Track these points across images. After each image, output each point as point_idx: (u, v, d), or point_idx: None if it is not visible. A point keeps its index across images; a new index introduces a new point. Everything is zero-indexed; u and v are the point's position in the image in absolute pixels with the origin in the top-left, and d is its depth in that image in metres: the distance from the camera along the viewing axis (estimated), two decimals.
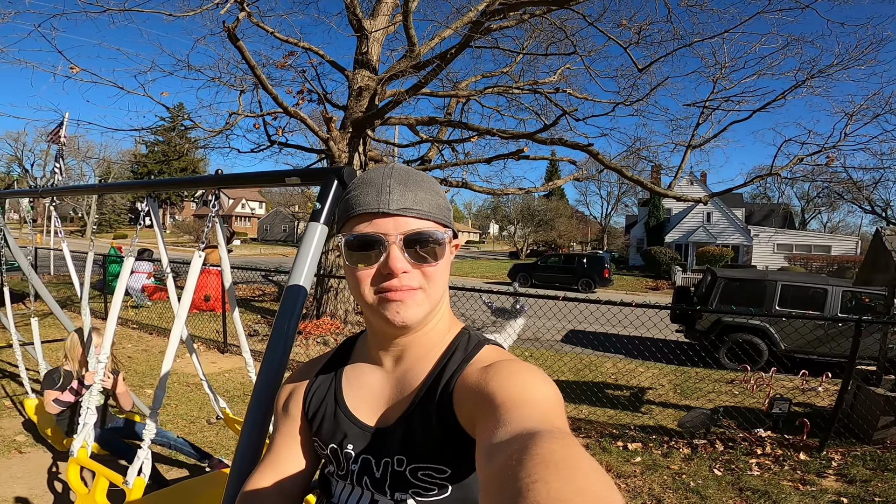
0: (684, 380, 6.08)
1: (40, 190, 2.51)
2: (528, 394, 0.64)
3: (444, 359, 0.81)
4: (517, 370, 0.70)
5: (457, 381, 0.76)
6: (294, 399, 0.93)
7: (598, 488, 0.39)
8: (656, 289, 21.26)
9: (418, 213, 0.74)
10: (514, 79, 8.38)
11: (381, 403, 0.84)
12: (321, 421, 0.88)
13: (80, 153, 40.94)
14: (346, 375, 0.89)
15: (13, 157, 45.75)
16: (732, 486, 3.22)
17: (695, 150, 8.53)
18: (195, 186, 1.86)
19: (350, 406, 0.86)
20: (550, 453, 0.43)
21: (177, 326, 2.02)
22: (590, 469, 0.42)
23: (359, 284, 0.76)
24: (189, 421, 4.09)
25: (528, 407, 0.61)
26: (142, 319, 8.34)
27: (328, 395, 0.89)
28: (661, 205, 33.39)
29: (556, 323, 8.27)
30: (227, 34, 4.95)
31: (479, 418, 0.66)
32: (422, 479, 0.77)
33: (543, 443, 0.45)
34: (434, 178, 0.82)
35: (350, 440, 0.84)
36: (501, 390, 0.65)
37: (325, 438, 0.87)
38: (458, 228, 8.86)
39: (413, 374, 0.82)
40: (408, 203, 0.74)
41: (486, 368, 0.73)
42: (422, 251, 0.75)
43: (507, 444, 0.51)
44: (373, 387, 0.85)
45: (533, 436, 0.48)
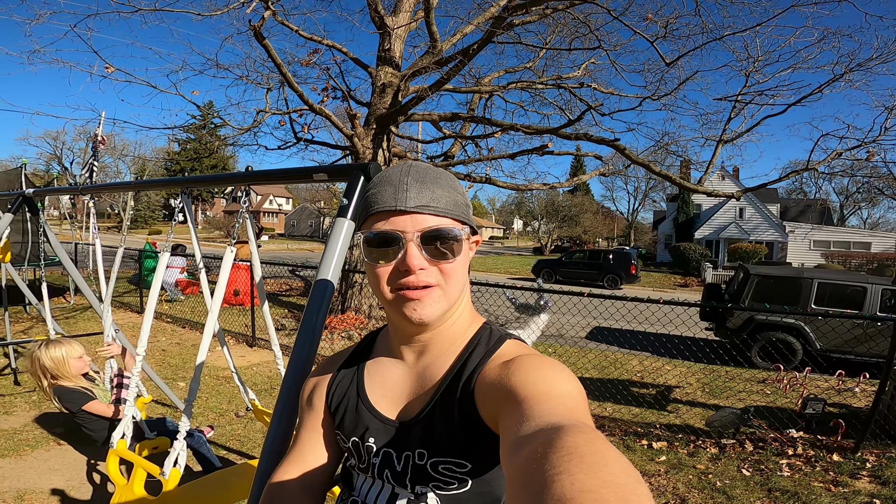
0: (713, 378, 5.95)
1: (80, 187, 2.62)
2: (551, 388, 0.64)
3: (466, 353, 0.81)
4: (540, 365, 0.70)
5: (479, 375, 0.76)
6: (317, 393, 0.95)
7: (624, 480, 0.39)
8: (685, 286, 20.79)
9: (435, 211, 0.75)
10: (538, 74, 8.30)
11: (402, 397, 0.85)
12: (343, 414, 0.89)
13: (117, 151, 42.49)
14: (369, 370, 0.91)
15: (52, 156, 47.67)
16: (761, 486, 3.15)
17: (726, 144, 8.31)
18: (227, 183, 1.91)
19: (372, 400, 0.87)
20: (575, 446, 0.43)
21: (210, 320, 2.05)
22: (615, 461, 0.41)
23: (378, 281, 0.77)
24: (218, 414, 4.19)
25: (552, 401, 0.61)
26: (175, 313, 8.61)
27: (350, 388, 0.90)
28: (691, 200, 32.58)
29: (581, 319, 8.20)
30: (254, 33, 5.05)
31: (502, 413, 0.66)
32: (442, 473, 0.78)
33: (568, 436, 0.45)
34: (452, 175, 0.82)
35: (371, 433, 0.85)
36: (524, 385, 0.65)
37: (347, 432, 0.88)
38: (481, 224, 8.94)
39: (434, 369, 0.82)
40: (424, 201, 0.75)
41: (508, 363, 0.74)
42: (440, 248, 0.75)
43: (532, 438, 0.51)
44: (394, 381, 0.86)
45: (558, 430, 0.48)
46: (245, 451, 3.48)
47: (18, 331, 6.77)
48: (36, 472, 3.05)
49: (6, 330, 4.89)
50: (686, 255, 25.65)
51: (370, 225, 0.77)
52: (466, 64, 5.87)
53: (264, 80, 7.67)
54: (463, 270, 0.80)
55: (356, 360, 0.94)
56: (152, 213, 52.08)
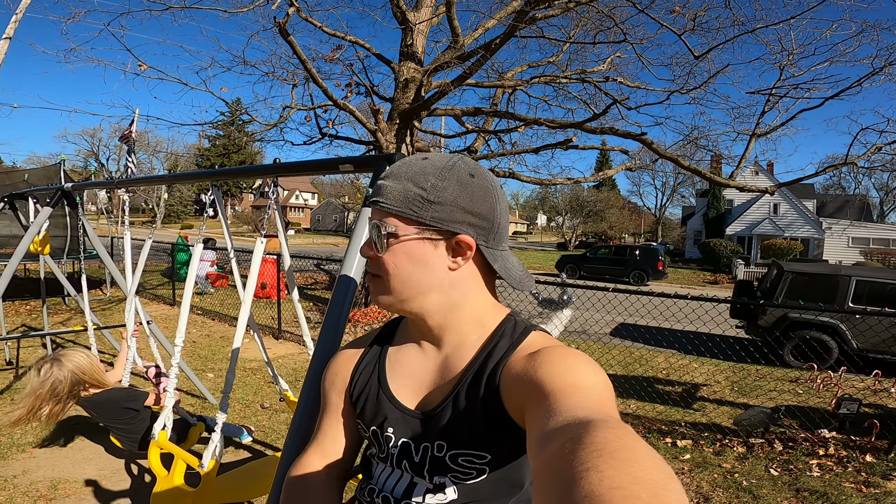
0: (743, 377, 5.80)
1: (116, 181, 2.72)
2: (578, 380, 0.63)
3: (490, 345, 0.80)
4: (566, 357, 0.69)
5: (504, 368, 0.75)
6: (340, 380, 0.95)
7: (656, 476, 0.37)
8: (715, 283, 20.27)
9: (381, 206, 0.78)
10: (562, 68, 8.18)
11: (423, 387, 0.84)
12: (364, 402, 0.89)
13: (150, 148, 43.83)
14: (390, 357, 0.90)
15: (90, 153, 49.45)
16: (789, 486, 3.07)
17: (760, 138, 8.04)
18: (256, 175, 1.96)
19: (392, 388, 0.87)
20: (605, 442, 0.41)
21: (244, 311, 2.05)
22: (646, 457, 0.40)
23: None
24: (244, 405, 4.24)
25: (579, 394, 0.60)
26: (205, 306, 8.85)
27: (372, 376, 0.90)
28: (722, 196, 31.70)
29: (605, 315, 8.10)
30: (279, 29, 5.13)
31: (528, 406, 0.65)
32: (461, 465, 0.78)
33: (597, 431, 0.44)
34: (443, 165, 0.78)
35: (391, 423, 0.84)
36: (551, 377, 0.65)
37: (367, 420, 0.88)
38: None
39: (456, 359, 0.82)
40: (378, 195, 0.79)
41: (533, 355, 0.73)
42: (374, 242, 0.79)
43: (559, 432, 0.50)
44: (415, 370, 0.86)
45: (586, 424, 0.47)
46: (269, 443, 3.53)
47: (56, 322, 7.06)
48: (70, 462, 3.12)
49: (44, 321, 5.10)
50: (716, 251, 24.98)
51: None
52: (489, 59, 5.84)
53: (290, 76, 7.79)
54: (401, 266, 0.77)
55: (378, 346, 0.94)
56: (184, 209, 53.58)
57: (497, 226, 0.80)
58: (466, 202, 0.76)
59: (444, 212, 0.76)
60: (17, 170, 12.59)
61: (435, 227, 0.76)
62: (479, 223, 0.78)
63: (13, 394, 4.21)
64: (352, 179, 43.93)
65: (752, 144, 7.95)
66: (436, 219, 0.76)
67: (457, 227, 0.76)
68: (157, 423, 2.26)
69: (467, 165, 0.79)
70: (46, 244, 3.75)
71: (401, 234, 0.76)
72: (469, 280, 0.80)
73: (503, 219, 0.82)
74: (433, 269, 0.77)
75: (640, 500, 0.34)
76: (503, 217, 0.82)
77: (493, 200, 0.79)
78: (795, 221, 28.21)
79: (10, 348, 5.08)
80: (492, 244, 0.80)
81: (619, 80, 8.07)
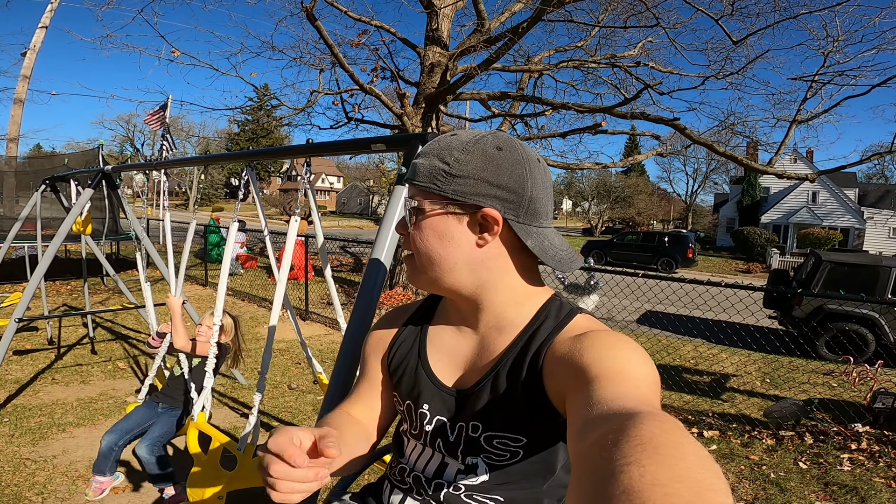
0: (774, 368, 5.66)
1: (153, 163, 2.81)
2: (626, 368, 0.60)
3: (533, 326, 0.77)
4: (615, 343, 0.66)
5: (548, 349, 0.73)
6: (379, 348, 0.94)
7: (701, 475, 0.35)
8: (748, 271, 19.72)
9: (413, 183, 0.78)
10: (590, 53, 7.96)
11: (462, 365, 0.83)
12: (402, 375, 0.88)
13: (184, 133, 44.81)
14: (431, 333, 0.89)
15: (125, 138, 50.85)
16: (818, 479, 3.00)
17: (800, 125, 7.71)
18: (290, 155, 1.97)
19: (431, 364, 0.85)
20: (651, 436, 0.39)
21: (279, 291, 2.06)
22: (693, 455, 0.37)
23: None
24: (272, 385, 4.30)
25: (626, 383, 0.57)
26: (235, 286, 9.09)
27: (412, 350, 0.89)
28: (758, 183, 30.61)
29: (632, 302, 7.99)
30: (306, 14, 5.14)
31: (570, 391, 0.62)
32: (496, 447, 0.76)
33: (643, 424, 0.41)
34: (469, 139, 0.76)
35: (426, 399, 0.83)
36: (597, 362, 0.62)
37: (403, 393, 0.87)
38: None
39: (496, 339, 0.79)
40: (411, 173, 0.79)
41: (580, 337, 0.70)
42: (405, 218, 0.80)
43: (603, 421, 0.48)
44: (454, 348, 0.84)
45: (632, 416, 0.44)
46: (295, 424, 3.57)
47: (96, 301, 7.34)
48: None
49: (85, 300, 5.29)
50: (750, 239, 24.22)
51: None
52: (515, 43, 5.72)
53: (317, 61, 7.81)
54: (430, 241, 0.76)
55: (421, 320, 0.92)
56: (215, 192, 54.80)
57: (528, 199, 0.75)
58: (491, 175, 0.73)
59: (466, 185, 0.73)
60: (58, 154, 13.06)
61: (457, 200, 0.73)
62: (507, 196, 0.74)
63: (54, 372, 4.35)
64: (377, 163, 44.12)
65: (793, 131, 7.62)
66: (458, 192, 0.73)
67: (481, 201, 0.73)
68: (196, 405, 2.31)
69: (497, 139, 0.76)
70: (88, 224, 3.90)
71: (426, 209, 0.76)
72: (499, 259, 0.76)
73: (539, 192, 0.76)
74: (458, 245, 0.75)
75: (680, 499, 0.32)
76: (539, 191, 0.76)
77: (524, 173, 0.75)
78: (835, 210, 27.07)
79: (52, 327, 5.23)
80: (523, 219, 0.75)
81: (650, 65, 7.82)
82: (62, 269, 9.07)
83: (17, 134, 11.22)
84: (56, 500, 2.48)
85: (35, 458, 2.88)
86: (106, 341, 5.40)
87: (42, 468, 2.78)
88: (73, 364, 4.62)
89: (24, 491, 2.52)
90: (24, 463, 2.81)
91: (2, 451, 2.93)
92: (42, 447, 3.02)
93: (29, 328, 5.65)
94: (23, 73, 11.30)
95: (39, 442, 3.08)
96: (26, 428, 3.25)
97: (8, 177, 9.71)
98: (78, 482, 2.66)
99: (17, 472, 2.70)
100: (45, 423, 3.35)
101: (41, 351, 4.91)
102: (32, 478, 2.67)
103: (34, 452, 2.95)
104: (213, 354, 2.27)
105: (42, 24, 11.44)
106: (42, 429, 3.27)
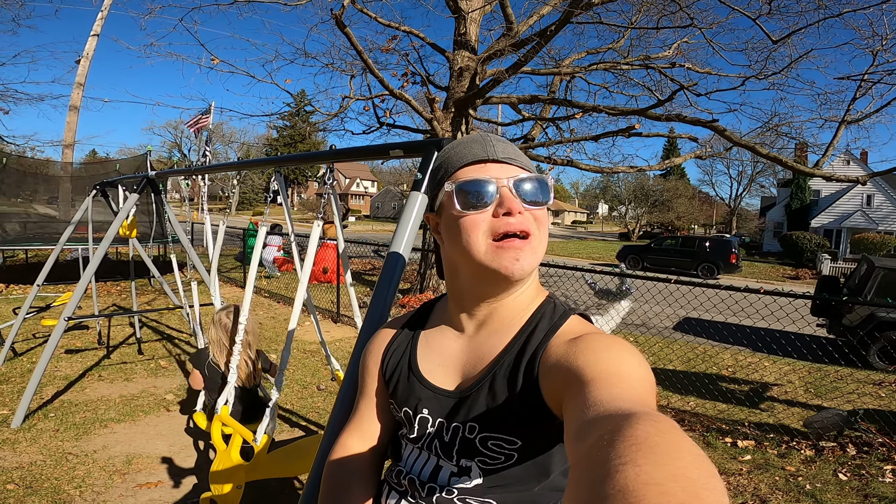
0: (819, 378, 5.39)
1: (190, 169, 2.97)
2: (622, 370, 0.61)
3: (529, 327, 0.78)
4: (610, 344, 0.66)
5: (543, 353, 0.73)
6: (373, 361, 0.95)
7: (696, 474, 0.35)
8: (796, 278, 18.77)
9: (521, 164, 0.78)
10: (623, 54, 7.82)
11: (457, 368, 0.83)
12: (396, 383, 0.89)
13: (226, 139, 46.61)
14: (423, 339, 0.90)
15: (174, 144, 53.25)
16: (857, 492, 2.85)
17: (850, 126, 7.33)
18: (313, 161, 2.06)
19: (424, 369, 0.86)
20: (647, 436, 0.39)
21: (300, 290, 2.13)
22: (689, 454, 0.37)
23: (469, 232, 0.74)
24: (302, 386, 4.40)
25: (622, 384, 0.57)
26: (272, 289, 9.36)
27: (403, 357, 0.90)
28: (808, 186, 29.22)
29: (666, 308, 7.76)
30: (335, 21, 5.27)
31: (567, 394, 0.62)
32: (490, 449, 0.76)
33: (639, 424, 0.41)
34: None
35: (424, 404, 0.84)
36: (593, 365, 0.62)
37: (399, 401, 0.88)
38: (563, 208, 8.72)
39: (494, 341, 0.80)
40: (511, 154, 0.78)
41: (575, 341, 0.70)
42: (532, 194, 0.76)
43: (600, 423, 0.48)
44: (450, 351, 0.85)
45: (628, 416, 0.44)
46: (322, 424, 3.64)
47: (143, 302, 7.69)
48: (145, 437, 3.25)
49: (132, 301, 5.54)
50: (799, 244, 23.09)
51: (458, 178, 0.77)
52: (544, 46, 5.70)
53: (348, 67, 7.99)
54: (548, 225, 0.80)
55: (412, 328, 0.93)
56: (256, 196, 56.62)
57: None
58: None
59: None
60: (111, 160, 13.83)
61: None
62: None
63: (101, 370, 4.56)
64: (410, 167, 44.55)
65: (841, 132, 7.26)
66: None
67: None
68: (220, 399, 2.39)
69: None
70: (134, 228, 4.13)
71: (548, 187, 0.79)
72: None
73: None
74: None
75: (675, 498, 0.32)
76: None
77: None
78: (892, 214, 25.52)
79: (102, 326, 5.42)
80: None
81: (686, 66, 7.62)
82: (113, 271, 9.58)
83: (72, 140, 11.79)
84: (92, 494, 2.54)
85: (76, 453, 2.96)
86: (151, 341, 5.64)
87: (82, 462, 2.86)
88: (119, 362, 4.83)
89: (63, 484, 2.60)
90: (66, 457, 2.89)
91: (46, 445, 3.03)
92: (84, 442, 3.12)
93: (80, 327, 5.94)
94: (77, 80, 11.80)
95: (82, 437, 3.18)
96: (71, 423, 3.37)
97: (64, 182, 10.30)
98: (114, 477, 2.73)
99: (58, 466, 2.78)
100: (89, 419, 3.46)
101: (91, 350, 5.13)
102: (72, 472, 2.74)
103: (76, 447, 3.04)
104: (238, 351, 2.38)
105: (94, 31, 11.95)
106: (86, 424, 3.37)
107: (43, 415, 3.48)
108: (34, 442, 3.06)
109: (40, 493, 2.50)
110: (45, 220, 9.95)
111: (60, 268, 8.03)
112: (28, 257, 11.31)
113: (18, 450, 2.94)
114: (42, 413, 3.51)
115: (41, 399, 3.73)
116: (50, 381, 4.13)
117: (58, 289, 7.60)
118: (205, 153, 5.74)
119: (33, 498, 2.44)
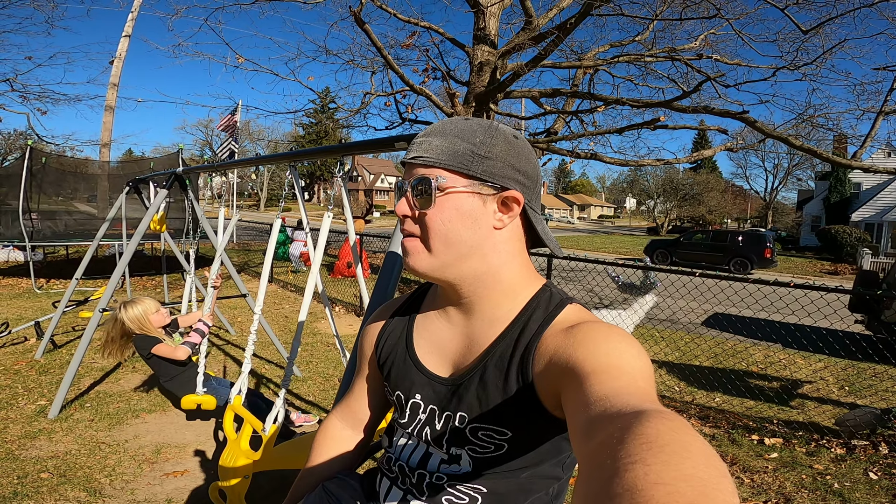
0: (854, 375, 5.20)
1: (213, 164, 3.06)
2: (622, 362, 0.59)
3: (524, 316, 0.76)
4: (608, 335, 0.64)
5: (537, 344, 0.72)
6: (368, 343, 0.96)
7: (706, 474, 0.34)
8: (835, 273, 18.03)
9: (424, 161, 0.75)
10: (647, 47, 7.63)
11: (450, 355, 0.82)
12: (391, 366, 0.89)
13: (253, 136, 47.56)
14: (419, 323, 0.89)
15: (205, 142, 54.65)
16: (887, 491, 2.74)
17: (888, 117, 7.00)
18: (324, 155, 2.09)
19: (419, 354, 0.85)
20: (657, 434, 0.38)
21: (310, 282, 2.16)
22: (699, 454, 0.36)
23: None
24: (324, 378, 4.45)
25: (625, 378, 0.56)
26: (299, 283, 9.54)
27: (399, 340, 0.89)
28: (848, 179, 28.03)
29: (694, 303, 7.59)
30: (354, 18, 5.31)
31: (566, 387, 0.61)
32: (480, 438, 0.76)
33: (650, 422, 0.41)
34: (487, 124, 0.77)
35: (417, 389, 0.83)
36: (590, 357, 0.60)
37: (393, 384, 0.88)
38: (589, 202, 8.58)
39: (487, 330, 0.78)
40: (420, 151, 0.76)
41: (570, 331, 0.68)
42: (417, 197, 0.75)
43: (608, 421, 0.47)
44: (444, 337, 0.84)
45: (637, 414, 0.44)
46: None
47: (176, 296, 7.96)
48: (174, 427, 3.30)
49: (164, 294, 5.72)
50: (838, 238, 22.17)
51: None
52: (564, 39, 5.60)
53: (369, 63, 8.05)
54: (447, 223, 0.74)
55: (407, 311, 0.93)
56: (283, 192, 57.69)
57: (539, 188, 0.81)
58: (514, 159, 0.76)
59: (494, 166, 0.74)
60: (145, 158, 14.33)
61: (487, 181, 0.74)
62: (526, 182, 0.77)
63: (135, 361, 4.64)
64: None
65: (879, 123, 6.94)
66: (487, 172, 0.74)
67: (507, 183, 0.75)
68: (233, 389, 2.44)
69: (508, 127, 0.80)
70: (164, 223, 4.29)
71: (451, 185, 0.74)
72: (510, 242, 0.78)
73: (540, 183, 0.83)
74: (479, 227, 0.75)
75: (685, 498, 0.32)
76: (540, 181, 0.83)
77: (536, 162, 0.80)
78: None
79: None
80: (535, 205, 0.79)
81: (714, 58, 7.40)
82: (148, 266, 9.95)
83: (108, 139, 12.25)
84: (122, 482, 2.61)
85: (109, 442, 3.05)
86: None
87: (114, 451, 2.94)
88: None
89: (94, 473, 2.68)
90: (100, 447, 2.98)
91: (81, 435, 3.13)
92: (117, 432, 3.21)
93: None
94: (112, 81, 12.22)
95: (115, 427, 3.27)
96: (105, 413, 3.47)
97: (101, 180, 10.73)
98: (143, 466, 2.80)
99: (91, 455, 2.87)
100: (122, 409, 3.55)
101: None
102: (104, 461, 2.82)
103: (109, 437, 3.13)
104: (252, 341, 2.45)
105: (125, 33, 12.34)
106: (119, 414, 3.47)
107: (79, 405, 3.59)
108: (70, 432, 3.16)
109: (73, 481, 2.57)
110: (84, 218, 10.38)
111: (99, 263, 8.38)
112: (69, 253, 11.84)
113: (54, 439, 3.04)
114: (78, 403, 3.62)
115: (78, 389, 3.85)
116: (87, 373, 4.28)
117: (96, 283, 7.93)
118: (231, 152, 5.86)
119: (66, 486, 2.51)
